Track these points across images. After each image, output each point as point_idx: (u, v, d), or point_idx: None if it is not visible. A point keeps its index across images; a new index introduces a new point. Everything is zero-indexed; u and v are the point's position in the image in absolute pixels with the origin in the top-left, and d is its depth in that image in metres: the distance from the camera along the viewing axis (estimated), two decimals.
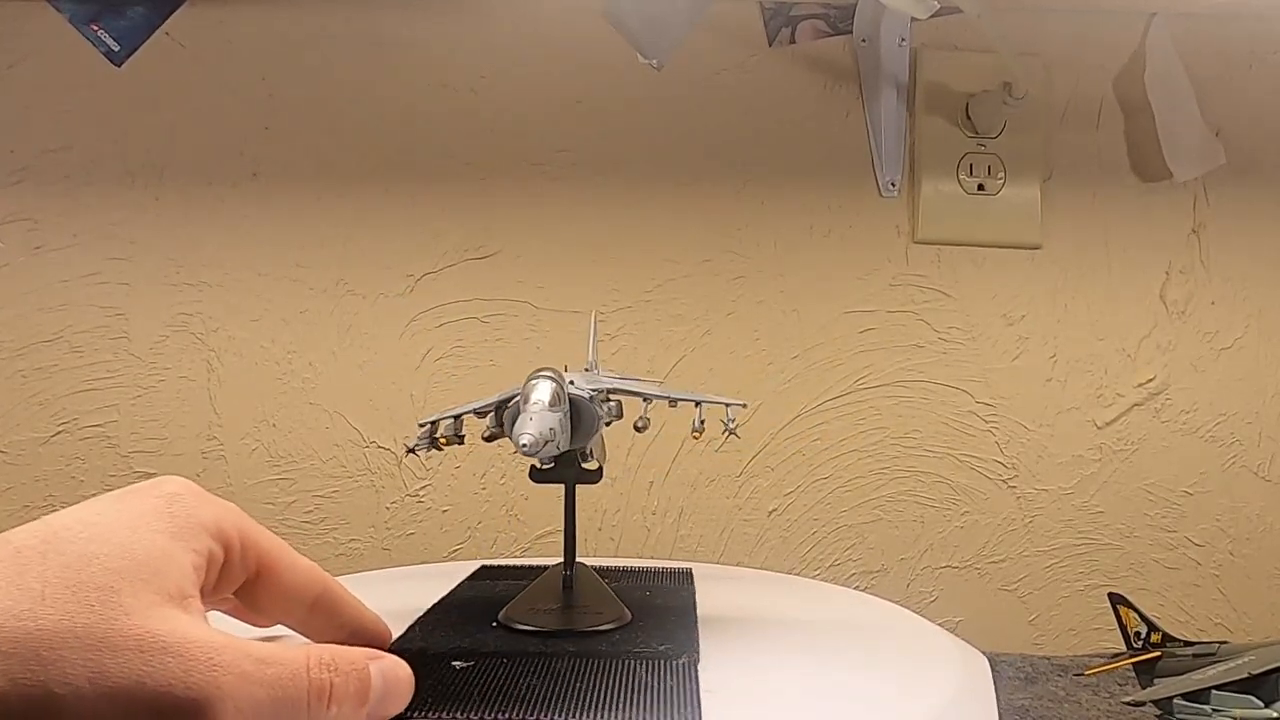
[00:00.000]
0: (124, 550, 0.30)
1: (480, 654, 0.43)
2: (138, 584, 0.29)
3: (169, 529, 0.32)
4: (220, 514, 0.34)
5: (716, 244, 0.89)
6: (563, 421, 0.39)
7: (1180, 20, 0.88)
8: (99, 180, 0.88)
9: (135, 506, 0.32)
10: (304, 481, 0.88)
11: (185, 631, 0.29)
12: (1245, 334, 0.90)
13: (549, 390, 0.39)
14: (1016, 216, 0.89)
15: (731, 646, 0.45)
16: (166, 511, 0.32)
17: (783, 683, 0.41)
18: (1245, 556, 0.90)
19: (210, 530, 0.33)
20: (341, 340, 0.88)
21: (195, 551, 0.32)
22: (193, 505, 0.33)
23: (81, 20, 0.87)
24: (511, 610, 0.48)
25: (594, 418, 0.42)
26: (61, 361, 0.88)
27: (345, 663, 0.32)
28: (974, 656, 0.49)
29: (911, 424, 0.90)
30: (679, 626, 0.47)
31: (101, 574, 0.29)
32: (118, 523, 0.31)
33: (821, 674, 0.43)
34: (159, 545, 0.31)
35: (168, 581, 0.30)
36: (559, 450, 0.39)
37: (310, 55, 0.88)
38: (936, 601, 0.90)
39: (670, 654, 0.42)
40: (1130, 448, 0.90)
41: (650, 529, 0.89)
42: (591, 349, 0.60)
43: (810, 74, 0.89)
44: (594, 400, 0.43)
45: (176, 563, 0.31)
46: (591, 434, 0.43)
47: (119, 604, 0.29)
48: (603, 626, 0.46)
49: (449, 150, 0.89)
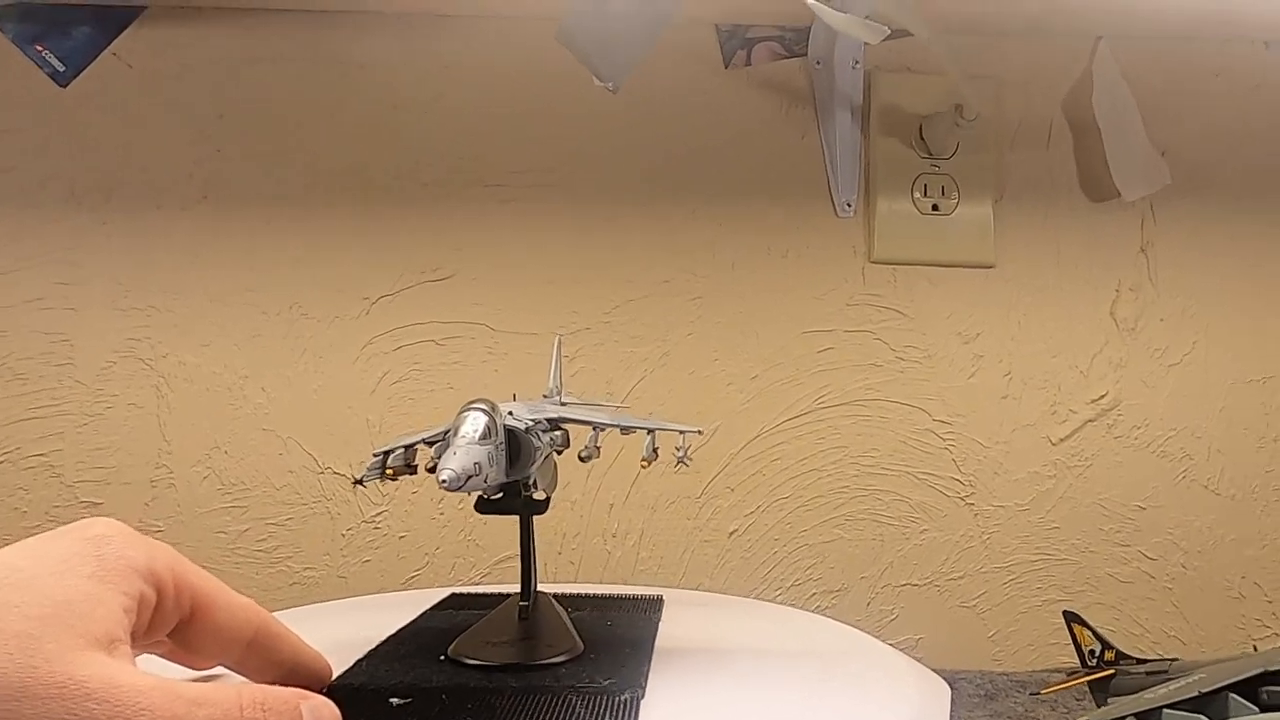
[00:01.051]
0: (46, 596, 0.29)
1: (420, 689, 0.42)
2: (60, 629, 0.29)
3: (96, 572, 0.31)
4: (152, 555, 0.33)
5: (675, 264, 0.89)
6: (493, 454, 0.38)
7: (1126, 43, 0.90)
8: (44, 203, 0.86)
9: (60, 550, 0.32)
10: (257, 509, 0.87)
11: (111, 676, 0.29)
12: (1194, 350, 0.92)
13: (479, 423, 0.39)
14: (970, 236, 0.90)
15: (685, 678, 0.45)
16: (94, 555, 0.32)
17: (729, 716, 0.41)
18: (1197, 569, 0.92)
19: (141, 572, 0.33)
20: (295, 364, 0.87)
21: (125, 594, 0.32)
22: (122, 547, 0.33)
23: (25, 40, 0.85)
24: (461, 643, 0.47)
25: (532, 449, 0.42)
26: (4, 389, 0.86)
27: (277, 701, 0.32)
28: (933, 681, 0.49)
29: (870, 443, 0.90)
30: (632, 658, 0.46)
31: (21, 621, 0.28)
32: (40, 568, 0.30)
33: (774, 708, 0.42)
34: (84, 589, 0.31)
35: (93, 625, 0.30)
36: (489, 484, 0.39)
37: (262, 76, 0.87)
38: (897, 619, 0.90)
39: (614, 689, 0.41)
40: (1084, 463, 0.91)
41: (611, 552, 0.88)
42: (554, 373, 0.60)
43: (766, 96, 0.90)
44: (532, 431, 0.42)
45: (104, 606, 0.31)
46: (531, 465, 0.42)
47: (39, 650, 0.28)
48: (552, 660, 0.45)
49: (404, 172, 0.88)
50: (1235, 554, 0.92)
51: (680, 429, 0.50)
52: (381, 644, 0.50)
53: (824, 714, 0.42)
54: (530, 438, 0.42)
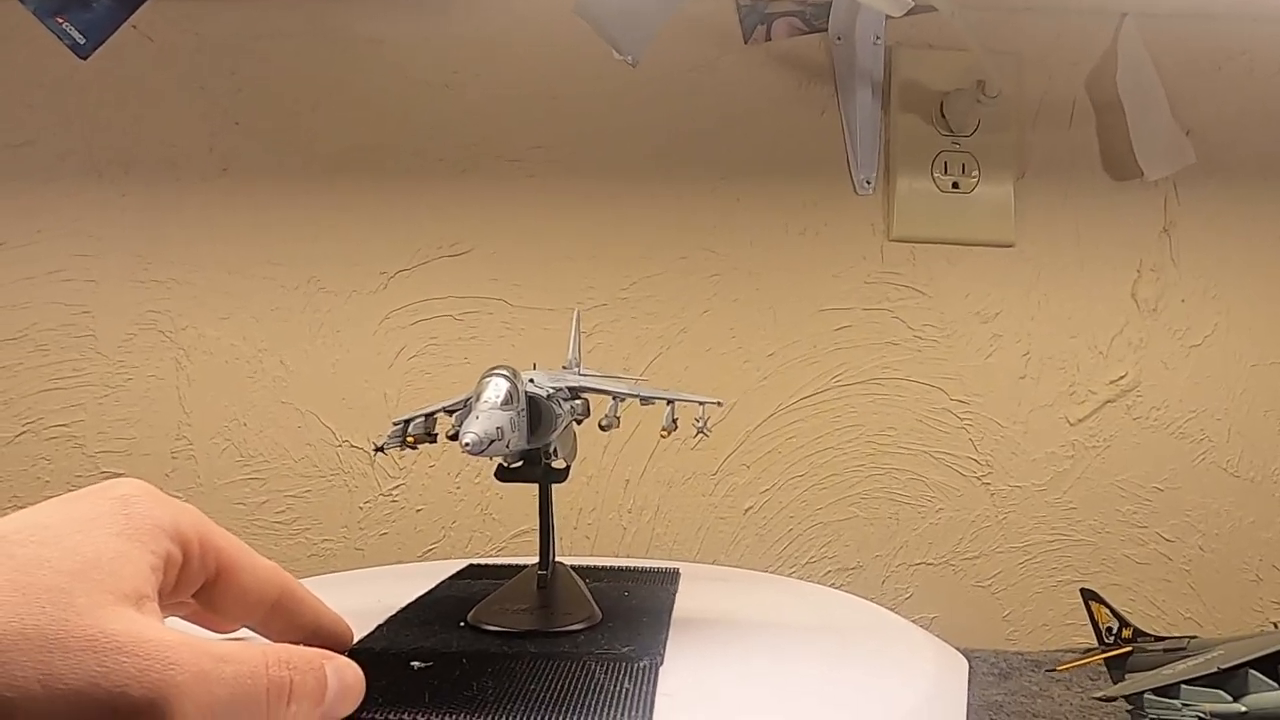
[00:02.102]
0: (76, 552, 0.30)
1: (441, 654, 0.42)
2: (90, 584, 0.29)
3: (124, 530, 0.31)
4: (178, 515, 0.33)
5: (692, 241, 0.89)
6: (515, 420, 0.38)
7: (1151, 21, 0.89)
8: (64, 176, 0.86)
9: (88, 509, 0.32)
10: (275, 481, 0.87)
11: (140, 631, 0.29)
12: (1215, 331, 0.91)
13: (501, 389, 0.38)
14: (990, 214, 0.90)
15: (702, 648, 0.45)
16: (121, 513, 0.32)
17: (748, 685, 0.41)
18: (1215, 551, 0.91)
19: (168, 532, 0.33)
20: (314, 338, 0.87)
21: (152, 553, 0.32)
22: (149, 507, 0.33)
23: (46, 13, 0.85)
24: (480, 610, 0.48)
25: (553, 416, 0.41)
26: (26, 360, 0.86)
27: (302, 661, 0.32)
28: (950, 656, 0.49)
29: (887, 421, 0.90)
30: (650, 628, 0.46)
31: (52, 575, 0.29)
32: (69, 525, 0.31)
33: (792, 679, 0.42)
34: (113, 547, 0.31)
35: (122, 582, 0.30)
36: (510, 449, 0.39)
37: (281, 50, 0.87)
38: (912, 598, 0.90)
39: (633, 656, 0.41)
40: (1102, 444, 0.91)
41: (626, 527, 0.89)
42: (572, 346, 0.60)
43: (786, 72, 0.89)
44: (553, 398, 0.42)
45: (132, 563, 0.31)
46: (551, 432, 0.42)
47: (70, 604, 0.28)
48: (571, 627, 0.45)
49: (422, 147, 0.88)
50: (1253, 536, 0.91)
51: (700, 400, 0.50)
52: (401, 611, 0.50)
53: (843, 686, 0.42)
54: (552, 405, 0.42)
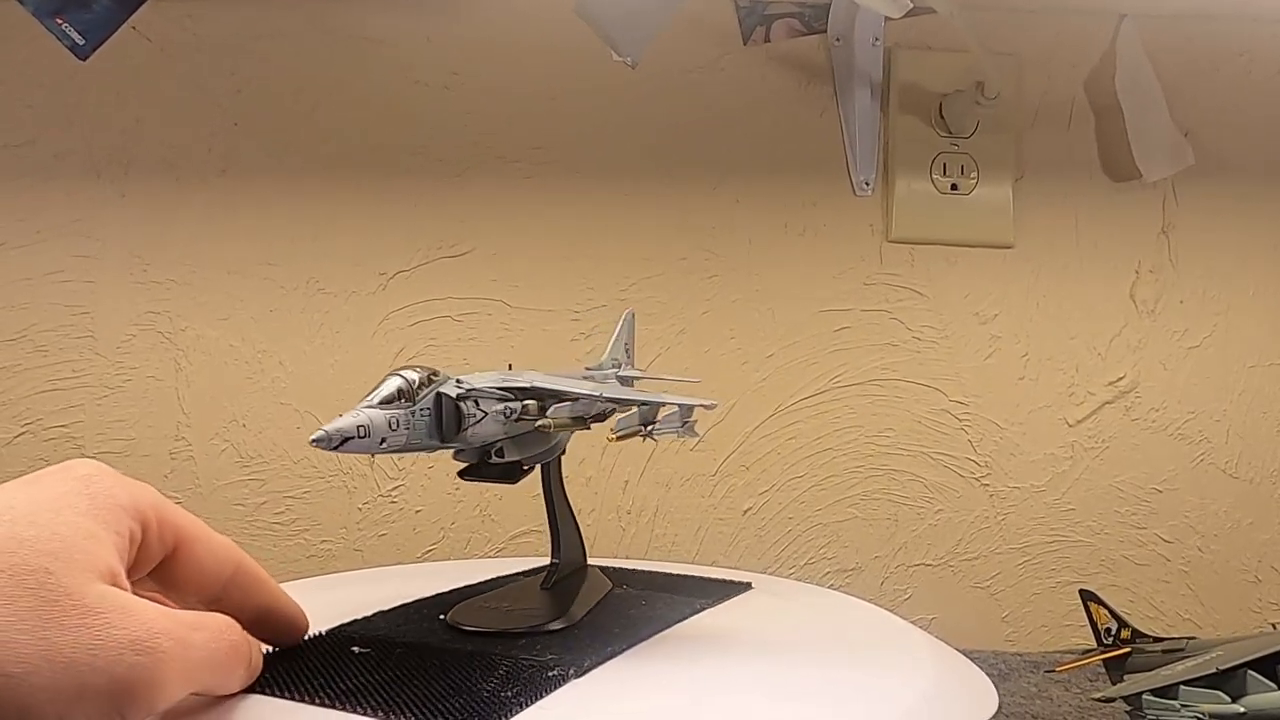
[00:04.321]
0: (52, 532, 0.31)
1: (385, 642, 0.44)
2: (70, 564, 0.30)
3: (90, 509, 0.33)
4: (136, 494, 0.35)
5: (691, 242, 0.89)
6: (399, 418, 0.38)
7: (1150, 22, 0.89)
8: (63, 176, 0.86)
9: (52, 489, 0.33)
10: (274, 482, 0.87)
11: (124, 604, 0.31)
12: (1213, 333, 0.91)
13: (389, 387, 0.39)
14: (989, 216, 0.90)
15: (666, 666, 0.43)
16: (85, 493, 0.33)
17: (664, 709, 0.38)
18: (1214, 553, 0.91)
19: (128, 509, 0.34)
20: (312, 339, 0.87)
21: (117, 532, 0.33)
22: (109, 486, 0.34)
23: (46, 13, 0.85)
24: (461, 607, 0.49)
25: (462, 415, 0.41)
26: (25, 361, 0.86)
27: (238, 629, 0.36)
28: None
29: (885, 422, 0.90)
30: (611, 639, 0.45)
31: (34, 556, 0.30)
32: (37, 505, 0.32)
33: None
34: (83, 526, 0.32)
35: (96, 560, 0.31)
36: (386, 447, 0.38)
37: (280, 50, 0.87)
38: (910, 599, 0.90)
39: (549, 665, 0.40)
40: (1101, 445, 0.91)
41: (625, 529, 0.89)
42: (612, 346, 0.59)
43: (785, 73, 0.89)
44: (470, 399, 0.41)
45: (101, 543, 0.32)
46: (463, 431, 0.41)
47: (57, 584, 0.30)
48: (534, 628, 0.45)
49: (422, 147, 0.88)
50: (1252, 538, 0.91)
51: (680, 401, 0.49)
52: (415, 601, 0.52)
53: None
54: (464, 404, 0.41)
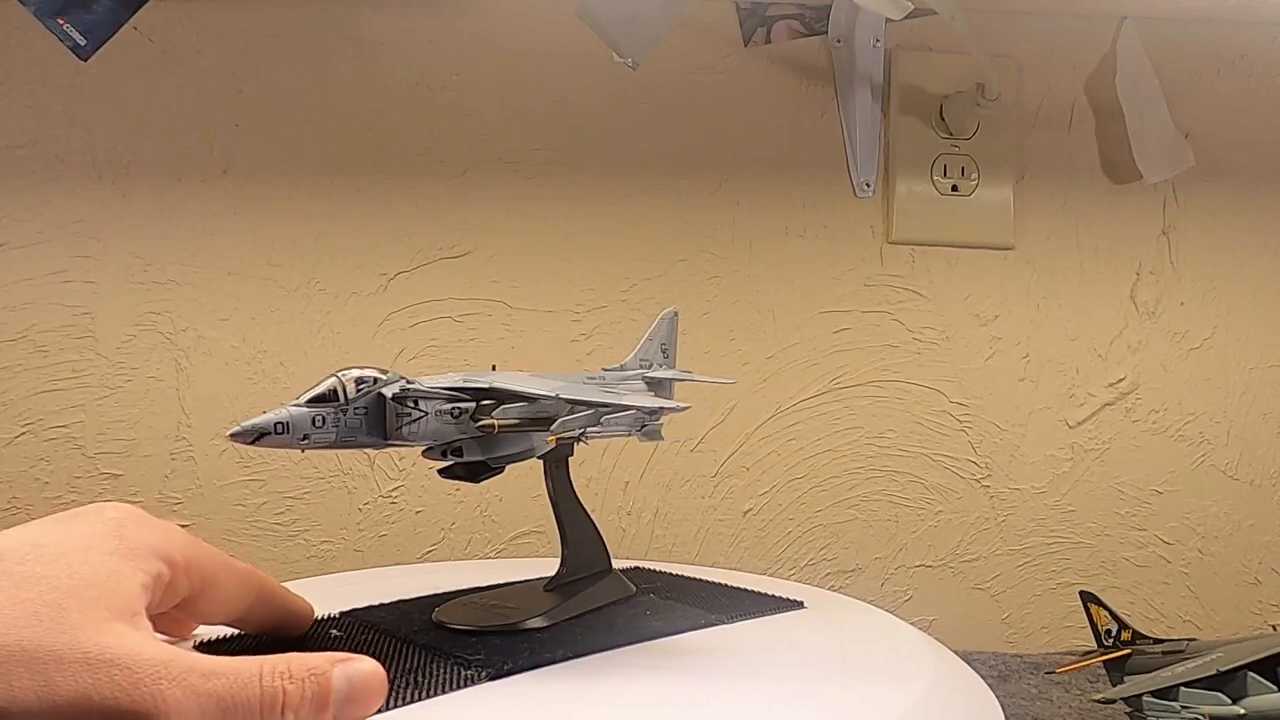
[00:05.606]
0: (72, 571, 0.31)
1: (360, 625, 0.47)
2: (85, 601, 0.30)
3: (117, 550, 0.33)
4: (166, 536, 0.36)
5: (692, 243, 0.89)
6: (319, 417, 0.40)
7: (1150, 24, 0.89)
8: (64, 176, 0.86)
9: (83, 530, 0.34)
10: (275, 483, 0.87)
11: (133, 646, 0.30)
12: (1214, 334, 0.91)
13: (321, 387, 0.41)
14: (989, 217, 0.90)
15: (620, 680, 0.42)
16: (115, 535, 0.34)
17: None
18: (1214, 554, 0.91)
19: (159, 553, 0.35)
20: (313, 339, 0.87)
21: (144, 572, 0.34)
22: (140, 529, 0.35)
23: (47, 13, 0.85)
24: (449, 604, 0.50)
25: (395, 414, 0.42)
26: (26, 361, 0.86)
27: (302, 669, 0.31)
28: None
29: (886, 424, 0.90)
30: (560, 645, 0.45)
31: (49, 592, 0.30)
32: (67, 544, 0.32)
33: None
34: (108, 566, 0.32)
35: (115, 599, 0.31)
36: (309, 443, 0.40)
37: (282, 51, 0.87)
38: (911, 600, 0.90)
39: (481, 664, 0.41)
40: (1101, 447, 0.91)
41: (626, 530, 0.89)
42: (641, 347, 0.59)
43: (786, 74, 0.89)
44: (405, 398, 0.42)
45: (125, 581, 0.33)
46: (398, 430, 0.42)
47: (66, 620, 0.29)
48: (497, 625, 0.46)
49: (423, 148, 0.88)
50: (1252, 539, 0.91)
51: (643, 405, 0.48)
52: (415, 598, 0.53)
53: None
54: (399, 404, 0.42)
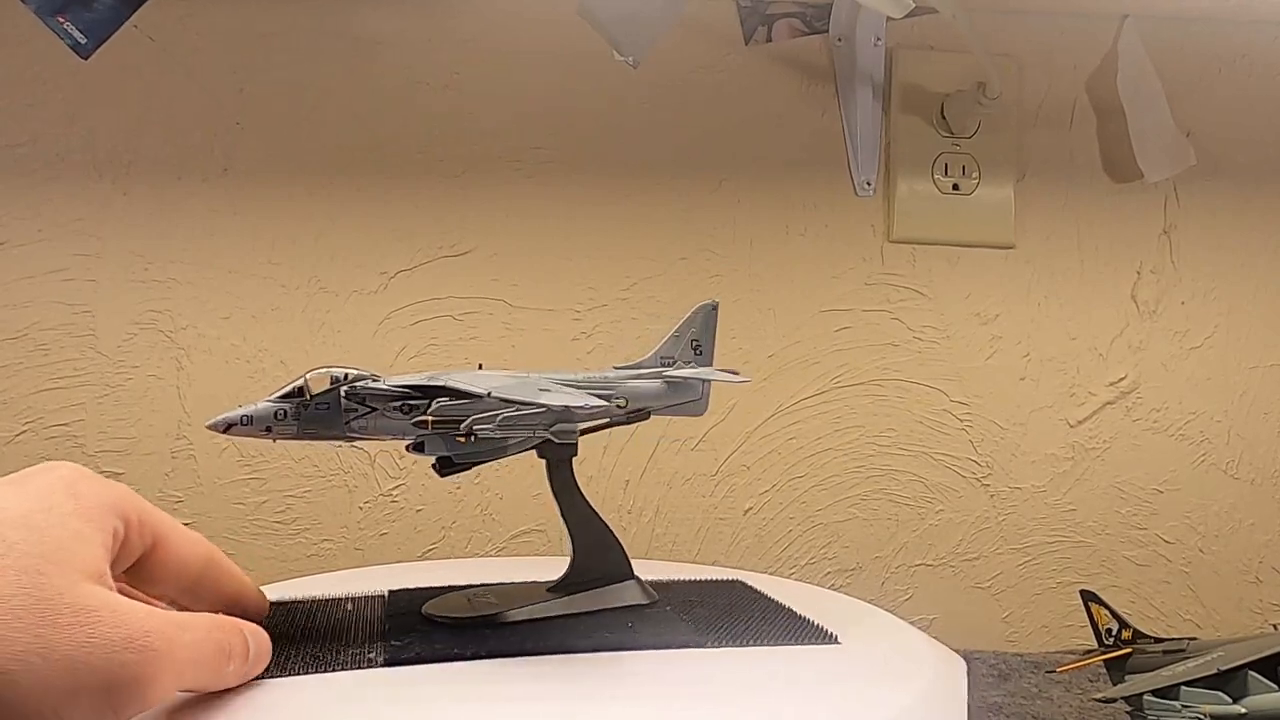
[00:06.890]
0: (43, 534, 0.32)
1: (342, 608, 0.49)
2: (60, 565, 0.31)
3: (77, 510, 0.34)
4: (119, 494, 0.36)
5: (692, 242, 0.89)
6: (280, 410, 0.44)
7: (1152, 23, 0.89)
8: (65, 175, 0.86)
9: (38, 491, 0.34)
10: (275, 481, 0.87)
11: (115, 604, 0.32)
12: (1215, 333, 0.91)
13: (292, 384, 0.45)
14: (990, 216, 0.90)
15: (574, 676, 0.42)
16: (71, 494, 0.34)
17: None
18: (1214, 553, 0.91)
19: (113, 509, 0.35)
20: (314, 338, 0.87)
21: (103, 531, 0.34)
22: (93, 487, 0.35)
23: (48, 12, 0.85)
24: (440, 598, 0.51)
25: (345, 411, 0.45)
26: (26, 359, 0.86)
27: (232, 627, 0.37)
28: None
29: (886, 423, 0.90)
30: (525, 642, 0.44)
31: (26, 558, 0.30)
32: (26, 508, 0.32)
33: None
34: (71, 527, 0.33)
35: (85, 561, 0.32)
36: (272, 434, 0.44)
37: (282, 50, 0.87)
38: (911, 599, 0.90)
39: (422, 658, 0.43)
40: (1102, 446, 0.91)
41: (626, 528, 0.89)
42: (667, 341, 0.59)
43: (786, 73, 0.89)
44: (354, 395, 0.45)
45: (89, 543, 0.33)
46: (342, 425, 0.45)
47: (49, 584, 0.30)
48: (469, 615, 0.48)
49: (423, 147, 0.88)
50: (1252, 538, 0.91)
51: (556, 403, 0.45)
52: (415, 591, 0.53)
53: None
54: (348, 400, 0.45)
